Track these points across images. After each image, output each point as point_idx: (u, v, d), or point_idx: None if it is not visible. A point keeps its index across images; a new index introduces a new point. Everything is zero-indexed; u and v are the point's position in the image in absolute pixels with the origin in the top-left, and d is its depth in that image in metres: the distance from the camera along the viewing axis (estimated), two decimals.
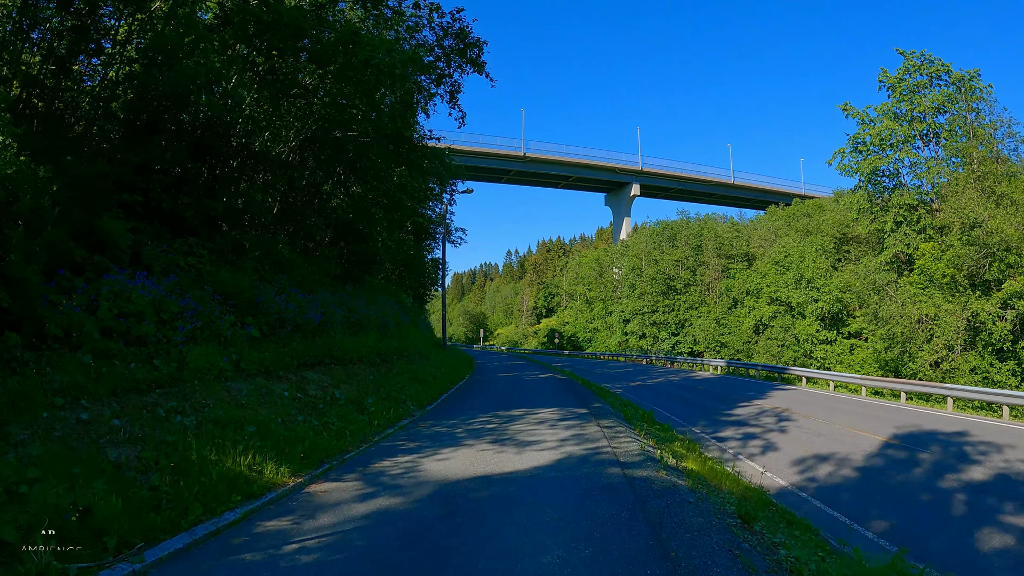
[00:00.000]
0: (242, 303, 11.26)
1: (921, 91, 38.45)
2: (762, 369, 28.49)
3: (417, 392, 13.69)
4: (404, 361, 16.38)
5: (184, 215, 11.49)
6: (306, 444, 7.45)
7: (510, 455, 8.48)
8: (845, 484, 9.87)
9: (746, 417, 16.00)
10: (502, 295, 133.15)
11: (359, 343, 14.13)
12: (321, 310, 13.96)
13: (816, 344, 38.51)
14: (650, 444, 9.15)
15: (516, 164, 71.67)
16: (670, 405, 17.91)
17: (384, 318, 18.20)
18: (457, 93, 17.22)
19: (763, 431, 14.03)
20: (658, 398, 19.68)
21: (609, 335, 63.05)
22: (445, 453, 8.56)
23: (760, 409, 17.28)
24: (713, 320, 48.36)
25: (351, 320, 14.88)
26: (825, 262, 40.60)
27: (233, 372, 8.97)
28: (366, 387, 11.57)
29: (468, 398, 16.31)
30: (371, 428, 9.76)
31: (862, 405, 18.44)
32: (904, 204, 35.11)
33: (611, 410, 12.89)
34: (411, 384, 13.98)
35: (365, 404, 10.47)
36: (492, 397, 16.71)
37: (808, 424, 14.80)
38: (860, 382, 21.09)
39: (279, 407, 8.51)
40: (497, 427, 10.87)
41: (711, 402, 19.01)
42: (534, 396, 16.98)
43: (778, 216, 56.88)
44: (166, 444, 5.88)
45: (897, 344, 25.67)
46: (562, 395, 17.21)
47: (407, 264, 29.26)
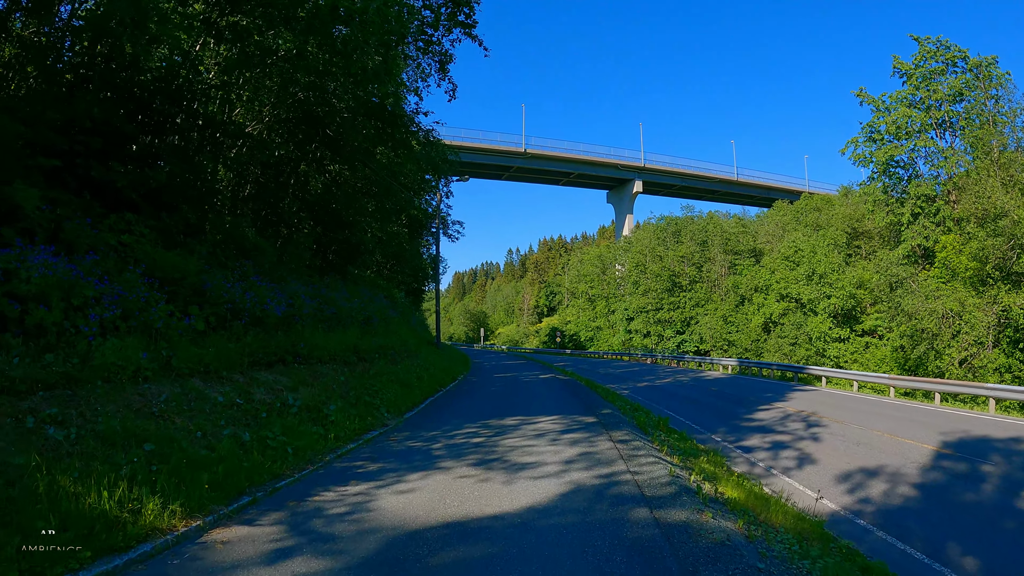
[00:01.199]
0: (185, 290, 9.57)
1: (937, 78, 36.75)
2: (777, 368, 26.74)
3: (396, 396, 11.96)
4: (387, 361, 14.64)
5: (117, 185, 9.78)
6: (221, 469, 5.61)
7: (497, 485, 6.49)
8: (908, 507, 8.16)
9: (770, 422, 14.29)
10: (503, 294, 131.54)
11: (333, 339, 12.43)
12: (289, 301, 12.26)
13: (829, 342, 36.78)
14: (675, 462, 7.38)
15: (517, 160, 70.31)
16: (684, 408, 16.20)
17: (368, 313, 16.50)
18: (447, 63, 15.52)
19: (793, 439, 12.31)
20: (670, 401, 17.97)
21: (612, 334, 61.32)
22: (412, 481, 6.62)
23: (783, 413, 15.57)
24: (720, 318, 46.63)
25: (325, 314, 13.17)
26: (838, 257, 38.88)
27: (157, 371, 7.28)
28: (332, 391, 9.82)
29: (456, 403, 14.35)
30: (326, 444, 7.93)
31: (893, 407, 16.73)
32: (922, 195, 33.41)
33: (621, 417, 11.08)
34: (391, 387, 12.21)
35: (325, 412, 8.68)
36: (484, 402, 14.75)
37: (842, 431, 13.08)
38: (888, 382, 19.35)
39: (205, 417, 6.80)
40: (485, 441, 8.97)
41: (728, 405, 17.29)
42: (533, 400, 15.14)
43: (785, 211, 55.19)
44: (8, 468, 4.17)
45: (922, 341, 23.92)
46: (565, 399, 15.40)
47: (400, 258, 27.56)
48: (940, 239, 30.15)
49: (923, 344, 23.97)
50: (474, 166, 71.65)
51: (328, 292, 14.79)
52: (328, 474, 6.84)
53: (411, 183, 30.57)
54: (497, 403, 14.34)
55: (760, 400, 18.00)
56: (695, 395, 19.65)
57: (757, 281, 43.56)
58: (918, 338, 24.31)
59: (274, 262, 13.73)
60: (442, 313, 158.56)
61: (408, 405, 12.16)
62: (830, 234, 40.28)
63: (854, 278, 37.51)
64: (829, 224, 44.22)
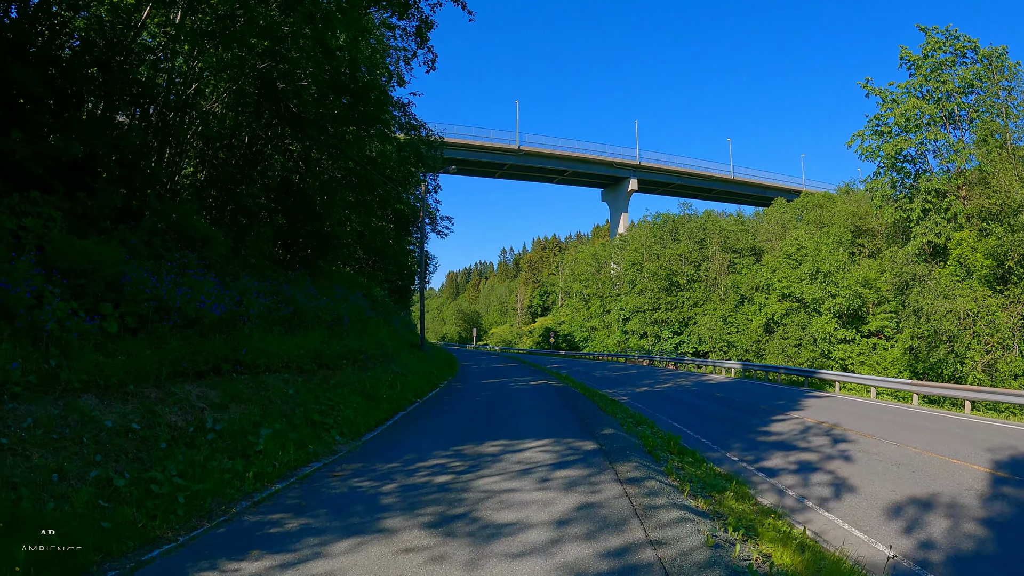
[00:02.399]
0: (97, 284, 7.84)
1: (947, 69, 35.33)
2: (784, 372, 25.09)
3: (358, 412, 10.10)
4: (356, 367, 12.88)
5: (16, 157, 8.04)
6: (57, 536, 3.75)
7: (455, 570, 4.36)
8: (983, 552, 6.52)
9: (789, 436, 12.65)
10: (497, 294, 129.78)
11: (289, 344, 10.71)
12: (237, 298, 10.54)
13: (834, 343, 35.24)
14: (701, 508, 5.63)
15: (510, 158, 68.94)
16: (691, 419, 14.54)
17: (339, 312, 14.78)
18: (427, 30, 13.79)
19: (820, 458, 10.67)
20: (673, 409, 16.32)
21: (607, 334, 59.67)
22: (336, 555, 4.56)
23: (803, 424, 13.93)
24: (719, 318, 45.06)
25: (280, 314, 11.43)
26: (843, 255, 37.35)
27: (35, 386, 5.56)
28: (272, 408, 8.05)
29: (430, 420, 11.89)
30: (241, 486, 6.01)
31: (923, 418, 15.13)
32: (932, 190, 31.90)
33: (626, 439, 9.12)
34: (353, 400, 10.39)
35: (253, 439, 6.85)
36: (463, 418, 12.33)
37: (874, 447, 11.46)
38: (912, 388, 17.72)
39: (75, 451, 5.08)
40: (453, 481, 6.75)
41: (738, 414, 15.64)
42: (520, 416, 12.76)
43: (786, 208, 53.76)
44: None
45: (940, 343, 22.35)
46: (558, 413, 13.21)
47: (383, 254, 25.81)
48: (953, 236, 28.65)
49: (942, 347, 22.39)
50: (467, 163, 70.08)
51: (290, 289, 13.06)
52: (227, 537, 4.86)
53: (396, 175, 28.86)
54: (478, 420, 11.99)
55: (773, 409, 16.37)
56: (700, 402, 18.00)
57: (758, 280, 42.02)
58: (935, 340, 22.75)
59: (225, 254, 11.99)
60: (435, 313, 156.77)
61: (370, 424, 10.27)
62: (834, 231, 38.77)
63: (860, 277, 36.01)
64: (832, 221, 42.75)
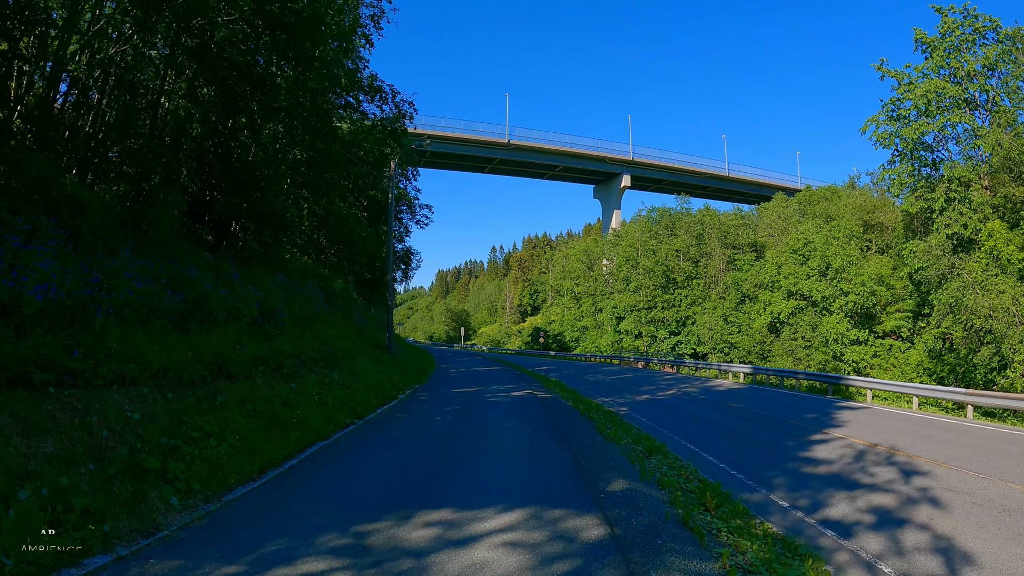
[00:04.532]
0: None
1: (967, 50, 32.81)
2: (804, 378, 22.18)
3: (238, 449, 6.69)
4: (277, 376, 9.82)
5: None
6: None
7: None
8: None
9: (842, 466, 9.79)
10: (486, 292, 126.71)
11: (173, 344, 7.71)
12: (95, 278, 7.53)
13: (847, 345, 32.56)
14: None
15: (500, 152, 66.34)
16: (708, 439, 11.65)
17: (270, 305, 11.75)
18: None
19: (900, 502, 7.80)
20: (684, 424, 13.44)
21: (600, 334, 56.73)
22: None
23: (851, 447, 11.07)
24: (720, 317, 42.26)
25: (165, 303, 8.39)
26: (854, 249, 34.69)
27: None
28: (85, 445, 4.96)
29: (349, 462, 7.86)
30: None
31: (994, 437, 12.32)
32: (956, 177, 29.27)
33: (646, 496, 5.53)
34: (242, 428, 7.13)
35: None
36: (401, 459, 8.08)
37: (960, 482, 8.63)
38: (967, 399, 14.88)
39: None
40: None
41: (765, 432, 12.77)
42: (487, 454, 8.61)
43: (788, 203, 51.20)
44: None
45: (983, 344, 19.62)
46: (544, 447, 9.14)
47: (351, 243, 22.62)
48: (983, 227, 26.02)
49: (985, 348, 19.66)
50: (455, 157, 67.26)
51: (200, 275, 10.02)
52: None
53: (370, 158, 25.81)
54: (421, 466, 7.75)
55: (805, 425, 13.52)
56: (714, 415, 15.11)
57: (762, 277, 39.29)
58: (975, 340, 20.03)
59: (99, 223, 8.96)
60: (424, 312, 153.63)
61: (253, 469, 6.64)
62: (844, 224, 36.09)
63: (873, 273, 33.37)
64: (839, 215, 40.15)
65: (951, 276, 23.13)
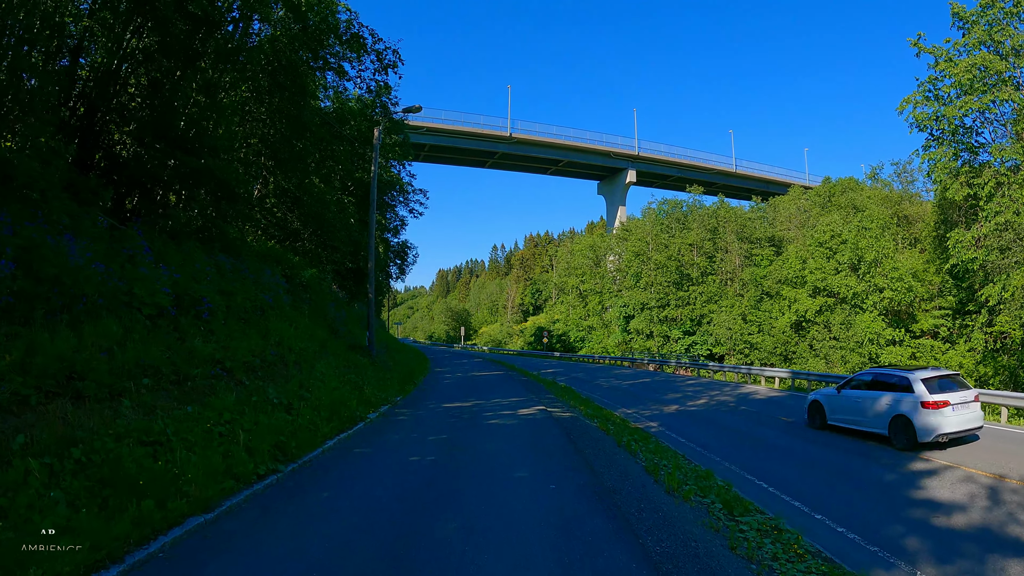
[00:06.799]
0: None
1: (1009, 22, 29.97)
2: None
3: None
4: (171, 394, 6.87)
5: None
6: None
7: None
8: None
9: (982, 515, 7.01)
10: (487, 291, 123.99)
11: None
12: None
13: (882, 346, 29.74)
14: None
15: (501, 146, 63.76)
16: (781, 471, 8.87)
17: (192, 293, 8.95)
18: None
19: None
20: (740, 450, 10.67)
21: (607, 334, 53.84)
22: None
23: (975, 483, 8.26)
24: (738, 316, 39.41)
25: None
26: (889, 241, 31.87)
27: None
28: None
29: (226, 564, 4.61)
30: None
31: None
32: (1007, 160, 26.52)
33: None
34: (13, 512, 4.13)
35: None
36: (326, 555, 4.82)
37: None
38: None
39: None
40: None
41: (846, 458, 9.97)
42: (484, 560, 4.79)
43: (805, 195, 48.40)
44: None
45: None
46: (589, 540, 5.17)
47: (331, 226, 19.64)
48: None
49: None
50: (456, 151, 64.63)
51: (67, 240, 7.22)
52: None
53: (356, 133, 23.08)
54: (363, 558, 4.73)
55: (888, 448, 10.73)
56: (770, 435, 12.28)
57: (785, 272, 36.46)
58: None
59: None
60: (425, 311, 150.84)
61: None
62: (877, 214, 33.25)
63: (910, 267, 30.55)
64: (865, 207, 37.37)
65: (1012, 268, 20.32)
